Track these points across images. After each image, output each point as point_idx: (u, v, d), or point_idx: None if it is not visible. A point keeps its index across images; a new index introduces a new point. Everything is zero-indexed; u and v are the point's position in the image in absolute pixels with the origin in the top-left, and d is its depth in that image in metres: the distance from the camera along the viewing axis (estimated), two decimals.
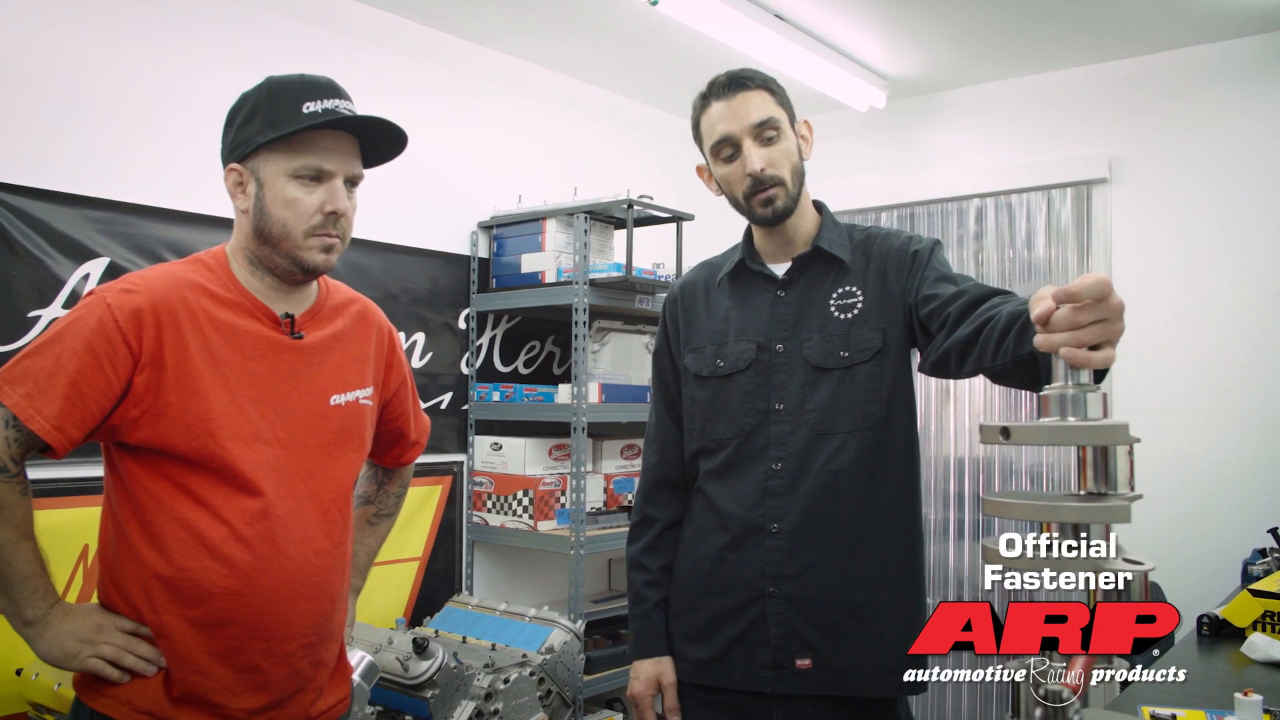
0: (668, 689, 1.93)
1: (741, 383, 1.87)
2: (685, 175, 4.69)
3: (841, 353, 1.83)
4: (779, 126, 1.82)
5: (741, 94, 1.81)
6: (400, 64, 3.57)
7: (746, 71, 1.84)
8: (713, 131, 1.84)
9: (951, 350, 1.65)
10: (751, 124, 1.80)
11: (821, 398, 1.82)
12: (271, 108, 1.60)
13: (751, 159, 1.80)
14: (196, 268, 1.65)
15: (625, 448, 3.88)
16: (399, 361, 1.90)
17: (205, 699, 1.57)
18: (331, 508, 1.70)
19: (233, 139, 1.64)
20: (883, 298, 1.84)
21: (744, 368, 1.87)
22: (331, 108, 1.60)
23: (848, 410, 1.81)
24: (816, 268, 1.89)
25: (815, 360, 1.83)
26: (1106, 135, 4.00)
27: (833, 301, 1.86)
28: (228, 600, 1.57)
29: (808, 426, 1.82)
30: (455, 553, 3.72)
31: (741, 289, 1.95)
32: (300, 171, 1.60)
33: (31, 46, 2.68)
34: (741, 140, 1.81)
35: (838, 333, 1.84)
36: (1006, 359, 1.49)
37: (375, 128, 1.66)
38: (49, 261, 2.68)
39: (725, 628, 1.87)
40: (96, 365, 1.51)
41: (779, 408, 1.84)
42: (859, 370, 1.82)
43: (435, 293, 3.69)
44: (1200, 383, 3.68)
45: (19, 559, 1.52)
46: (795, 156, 1.85)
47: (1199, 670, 2.27)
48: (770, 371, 1.86)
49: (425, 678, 2.68)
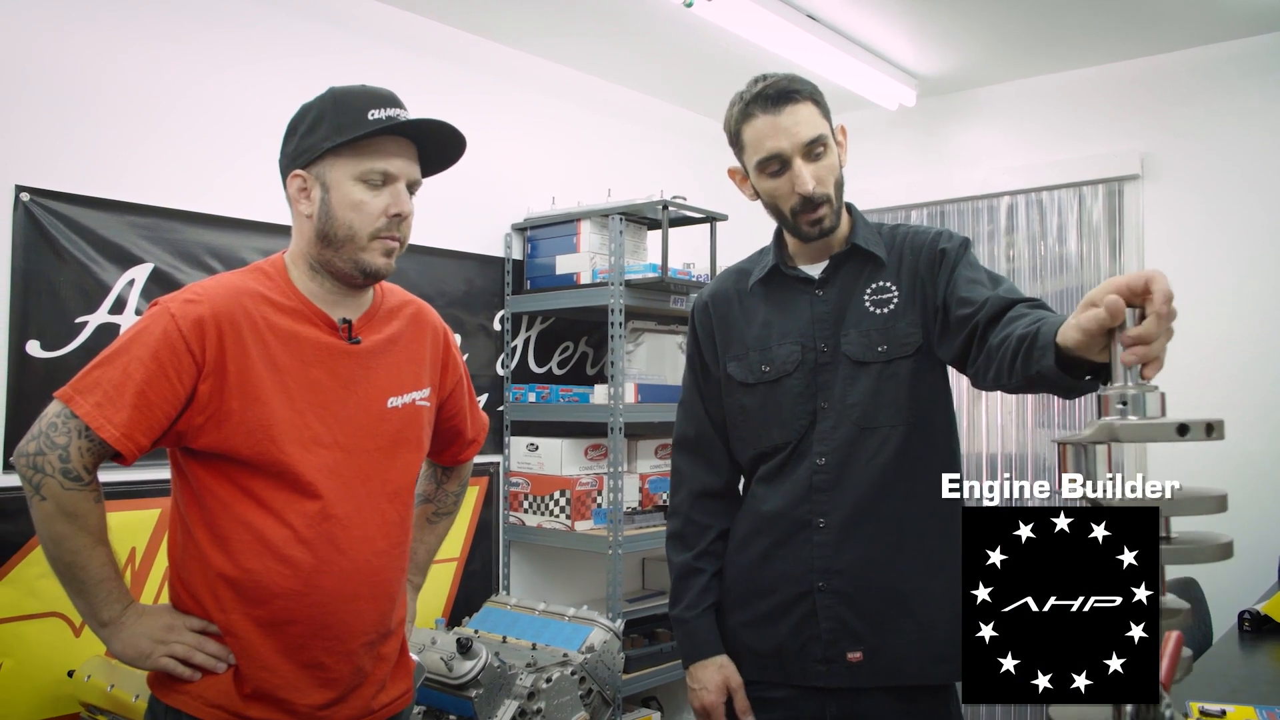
0: (737, 691, 1.91)
1: (791, 386, 1.87)
2: (715, 175, 4.69)
3: (879, 347, 1.83)
4: (826, 143, 1.80)
5: (789, 107, 1.78)
6: (431, 67, 3.60)
7: (792, 82, 1.81)
8: (759, 146, 1.80)
9: (979, 370, 1.67)
10: (802, 142, 1.77)
11: (862, 392, 1.82)
12: (338, 115, 1.63)
13: (804, 179, 1.78)
14: (256, 276, 1.69)
15: (660, 447, 3.90)
16: (454, 361, 1.92)
17: (273, 695, 1.60)
18: (390, 509, 1.73)
19: (295, 146, 1.67)
20: (915, 293, 1.84)
21: (792, 370, 1.87)
22: (395, 115, 1.64)
23: (889, 404, 1.81)
24: (852, 265, 1.89)
25: (854, 355, 1.84)
26: (1138, 131, 3.99)
27: (867, 297, 1.86)
28: (291, 600, 1.60)
29: (851, 421, 1.82)
30: (492, 553, 3.75)
31: (777, 293, 1.94)
32: (367, 175, 1.63)
33: (83, 59, 2.72)
34: (792, 158, 1.78)
35: (874, 327, 1.84)
36: (1019, 380, 1.51)
37: (435, 133, 1.70)
38: (95, 268, 2.72)
39: (776, 625, 1.87)
40: (162, 374, 1.54)
41: (824, 405, 1.84)
42: (899, 365, 1.82)
43: (470, 295, 3.72)
44: (1237, 378, 3.67)
45: (94, 563, 1.56)
46: (838, 169, 1.84)
47: (1243, 666, 2.28)
48: (816, 371, 1.86)
49: (469, 677, 2.70)
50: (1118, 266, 4.00)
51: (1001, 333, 1.60)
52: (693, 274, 3.60)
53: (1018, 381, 1.53)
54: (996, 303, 1.67)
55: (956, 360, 1.77)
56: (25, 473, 1.53)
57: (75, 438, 1.51)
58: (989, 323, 1.66)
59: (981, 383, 1.69)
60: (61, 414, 1.53)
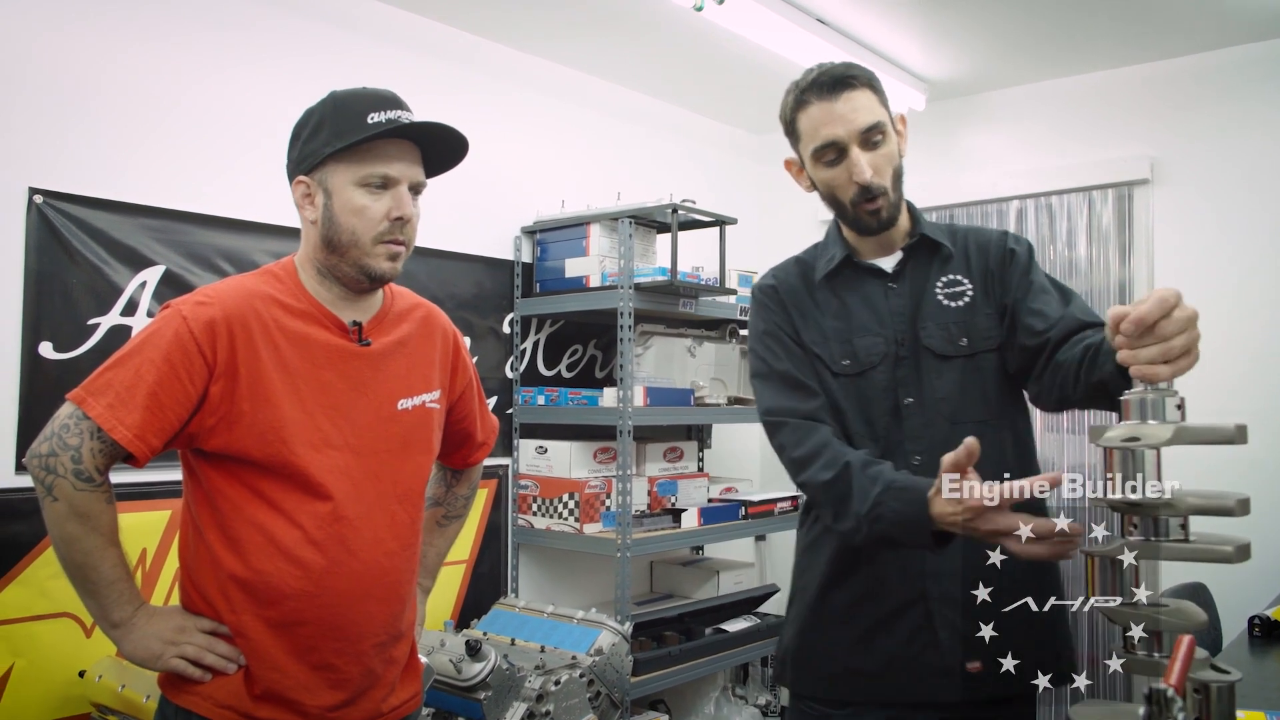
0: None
1: (876, 379, 1.79)
2: (725, 179, 4.71)
3: (960, 340, 1.77)
4: (884, 130, 1.73)
5: (845, 94, 1.71)
6: (442, 70, 3.61)
7: (849, 68, 1.74)
8: (815, 134, 1.74)
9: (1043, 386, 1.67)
10: (859, 129, 1.70)
11: (948, 386, 1.76)
12: (337, 119, 1.63)
13: (861, 168, 1.71)
14: (267, 279, 1.70)
15: (668, 450, 3.90)
16: (464, 364, 1.93)
17: (283, 696, 1.61)
18: (400, 510, 1.74)
19: (299, 152, 1.68)
20: (990, 289, 1.80)
21: (877, 363, 1.79)
22: (395, 118, 1.64)
23: (977, 399, 1.75)
24: (921, 257, 1.84)
25: (937, 349, 1.77)
26: (1148, 136, 3.98)
27: (939, 290, 1.81)
28: (301, 601, 1.61)
29: (943, 417, 1.75)
30: (501, 555, 3.76)
31: (847, 285, 1.86)
32: (367, 179, 1.63)
33: (95, 62, 2.74)
34: (849, 146, 1.71)
35: (953, 320, 1.78)
36: (1083, 390, 1.52)
37: (437, 135, 1.70)
38: (107, 269, 2.73)
39: (887, 635, 1.75)
40: (174, 376, 1.55)
41: (908, 401, 1.76)
42: (983, 359, 1.77)
43: (480, 297, 3.73)
44: (1246, 384, 3.65)
45: (105, 564, 1.57)
46: (897, 158, 1.77)
47: (1253, 671, 2.27)
48: (896, 365, 1.78)
49: (478, 679, 2.71)
50: (1127, 271, 3.99)
51: (1070, 350, 1.58)
52: (702, 277, 3.61)
53: (1082, 391, 1.51)
54: (1070, 322, 1.65)
55: (1020, 371, 1.73)
56: (37, 474, 1.54)
57: (87, 439, 1.52)
58: (1060, 341, 1.63)
59: (1046, 400, 1.66)
60: (74, 415, 1.54)
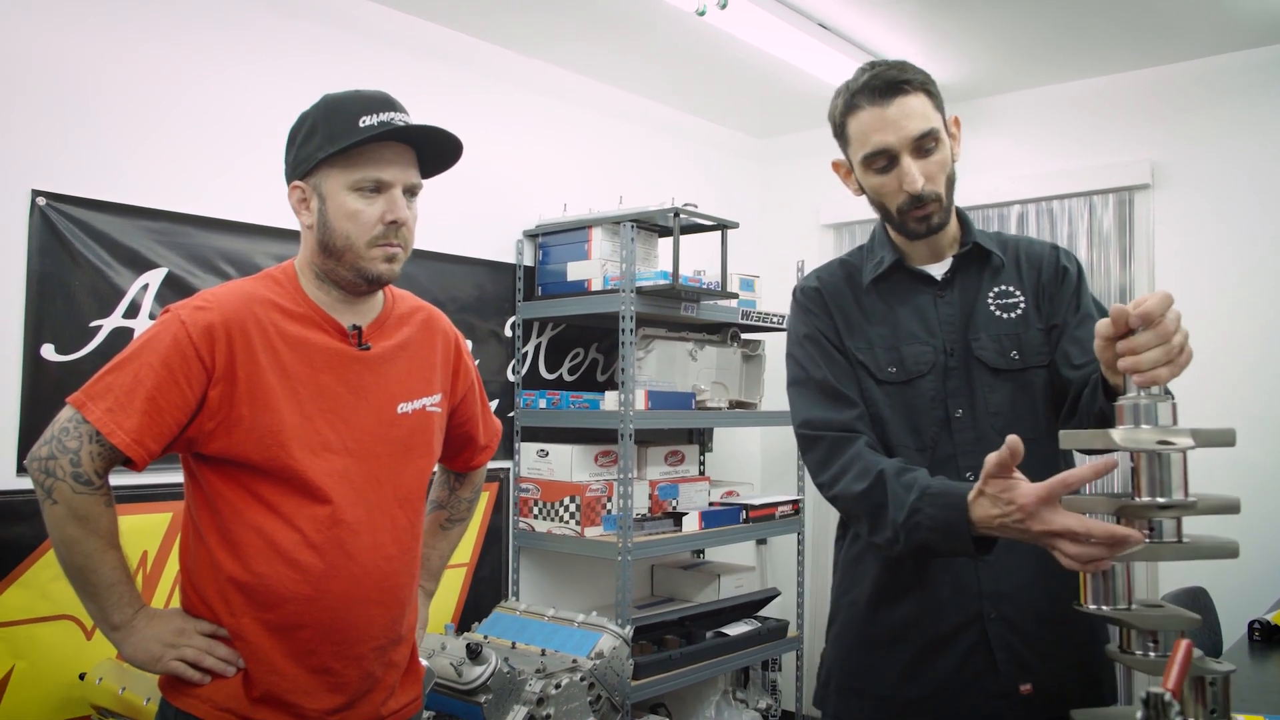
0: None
1: (923, 388, 1.72)
2: (727, 182, 4.70)
3: (1012, 353, 1.71)
4: (938, 137, 1.66)
5: (898, 99, 1.64)
6: (444, 72, 3.62)
7: (903, 71, 1.66)
8: (865, 141, 1.67)
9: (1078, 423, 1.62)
10: (912, 137, 1.63)
11: (1000, 401, 1.69)
12: (329, 124, 1.64)
13: (913, 176, 1.64)
14: (266, 283, 1.70)
15: (669, 454, 3.91)
16: (466, 367, 1.93)
17: (282, 699, 1.61)
18: (400, 514, 1.74)
19: (294, 157, 1.69)
20: (1041, 304, 1.74)
21: (925, 372, 1.72)
22: (387, 120, 1.63)
23: (1028, 415, 1.69)
24: (973, 266, 1.78)
25: (990, 361, 1.71)
26: (1149, 141, 3.98)
27: (991, 300, 1.75)
28: (301, 604, 1.61)
29: (995, 431, 1.66)
30: (502, 559, 3.76)
31: (894, 291, 1.79)
32: (359, 184, 1.63)
33: (95, 63, 2.74)
34: (900, 154, 1.64)
35: (1005, 333, 1.72)
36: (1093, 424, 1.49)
37: (431, 137, 1.69)
38: (109, 272, 2.74)
39: (940, 658, 1.67)
40: (172, 380, 1.55)
41: (959, 414, 1.70)
42: (1034, 375, 1.70)
43: (481, 301, 3.73)
44: (1246, 388, 3.65)
45: (105, 566, 1.57)
46: (950, 165, 1.70)
47: (1253, 675, 2.27)
48: (946, 376, 1.71)
49: (479, 683, 2.71)
50: (1128, 275, 3.98)
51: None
52: (703, 281, 3.61)
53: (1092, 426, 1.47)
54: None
55: (1056, 399, 1.69)
56: (37, 476, 1.55)
57: (86, 442, 1.53)
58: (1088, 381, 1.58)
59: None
60: (73, 419, 1.54)
